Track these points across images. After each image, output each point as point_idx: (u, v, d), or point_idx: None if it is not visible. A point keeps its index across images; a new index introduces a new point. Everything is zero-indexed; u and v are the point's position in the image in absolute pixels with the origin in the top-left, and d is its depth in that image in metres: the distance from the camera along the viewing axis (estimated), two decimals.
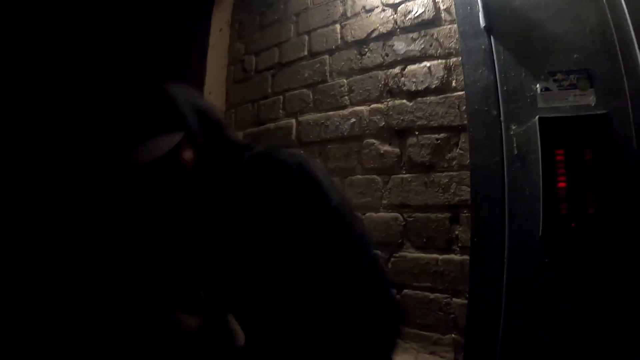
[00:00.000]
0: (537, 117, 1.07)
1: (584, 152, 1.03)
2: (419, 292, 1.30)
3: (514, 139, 1.14)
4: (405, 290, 1.34)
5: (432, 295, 1.29)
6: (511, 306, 1.13)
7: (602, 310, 0.99)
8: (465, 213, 1.24)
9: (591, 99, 1.05)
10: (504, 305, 1.15)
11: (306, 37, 1.70)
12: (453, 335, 1.26)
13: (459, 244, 1.26)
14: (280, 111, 1.73)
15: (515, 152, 1.14)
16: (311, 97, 1.65)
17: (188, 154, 0.70)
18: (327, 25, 1.63)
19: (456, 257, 1.26)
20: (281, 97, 1.75)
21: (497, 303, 1.15)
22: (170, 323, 1.82)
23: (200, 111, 0.74)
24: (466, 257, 1.22)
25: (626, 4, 1.04)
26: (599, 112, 1.02)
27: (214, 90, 1.89)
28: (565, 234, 1.05)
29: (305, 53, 1.69)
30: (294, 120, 1.70)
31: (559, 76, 1.11)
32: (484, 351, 1.16)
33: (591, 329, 1.00)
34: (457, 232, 1.26)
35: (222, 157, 0.74)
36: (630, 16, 1.03)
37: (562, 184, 1.06)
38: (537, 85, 1.12)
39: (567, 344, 1.01)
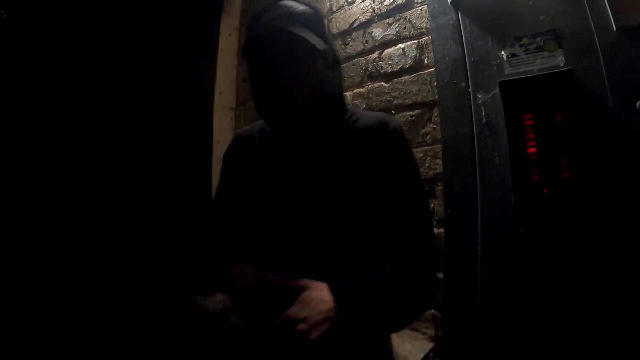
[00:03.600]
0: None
1: (553, 114, 0.95)
2: None
3: (482, 108, 1.08)
4: None
5: None
6: (487, 279, 1.05)
7: (578, 278, 0.89)
8: (439, 186, 1.18)
9: (560, 59, 0.97)
10: (480, 278, 1.07)
11: None
12: (432, 311, 1.20)
13: (436, 218, 1.20)
14: None
15: (484, 120, 1.07)
16: None
17: (317, 66, 0.74)
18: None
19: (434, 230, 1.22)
20: None
21: (473, 276, 1.08)
22: (191, 305, 1.94)
23: (337, 58, 0.82)
24: (442, 230, 1.15)
25: None
26: (563, 69, 0.96)
27: (225, 90, 1.99)
28: (537, 201, 0.97)
29: None
30: None
31: (525, 40, 1.04)
32: (462, 326, 1.10)
33: (567, 298, 0.90)
34: (433, 206, 1.20)
35: (333, 104, 0.80)
36: None
37: (532, 149, 0.98)
38: (503, 52, 1.06)
39: (543, 314, 0.93)
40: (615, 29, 0.88)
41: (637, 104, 0.85)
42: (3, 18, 2.65)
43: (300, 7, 0.74)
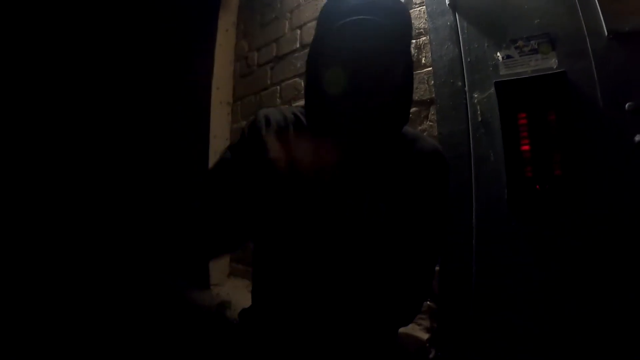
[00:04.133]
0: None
1: (547, 113, 1.00)
2: None
3: (478, 107, 1.12)
4: None
5: None
6: (481, 272, 1.10)
7: (569, 270, 0.94)
8: None
9: (553, 62, 1.01)
10: (474, 271, 1.12)
11: (298, 31, 1.74)
12: (428, 302, 1.25)
13: None
14: (278, 99, 1.79)
15: (480, 119, 1.12)
16: (303, 85, 1.68)
17: (400, 73, 0.68)
18: (316, 19, 1.69)
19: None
20: (278, 87, 1.81)
21: (468, 269, 1.12)
22: (186, 302, 1.96)
23: (410, 80, 0.75)
24: None
25: None
26: (556, 71, 1.00)
27: (222, 85, 1.99)
28: (530, 197, 1.01)
29: (298, 45, 1.74)
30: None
31: (520, 43, 1.08)
32: (457, 317, 1.14)
33: (558, 290, 0.95)
34: None
35: (403, 117, 0.74)
36: None
37: (525, 147, 1.02)
38: (499, 54, 1.10)
39: (535, 305, 0.98)
40: (606, 33, 0.93)
41: (627, 105, 0.90)
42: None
43: (399, 4, 0.68)
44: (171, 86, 2.27)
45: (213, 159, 1.94)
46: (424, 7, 1.28)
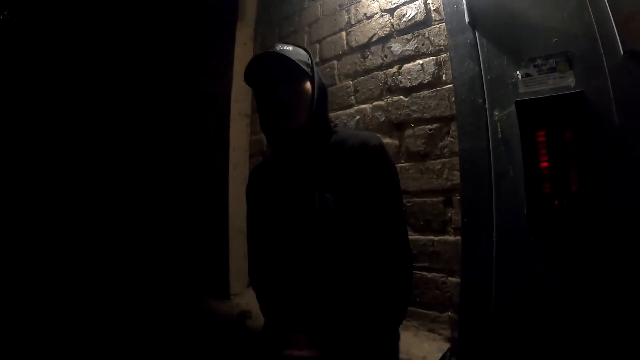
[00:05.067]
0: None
1: (564, 131, 1.04)
2: (417, 272, 1.34)
3: (498, 124, 1.17)
4: None
5: (429, 275, 1.33)
6: (501, 283, 1.14)
7: (587, 282, 0.98)
8: (457, 196, 1.27)
9: (571, 80, 1.06)
10: (495, 282, 1.16)
11: (317, 46, 1.80)
12: (449, 313, 1.28)
13: (453, 226, 1.28)
14: None
15: (500, 136, 1.17)
16: None
17: (308, 88, 0.91)
18: (334, 34, 1.73)
19: (450, 238, 1.29)
20: None
21: (488, 280, 1.17)
22: (206, 311, 2.01)
23: (324, 87, 0.97)
24: (459, 237, 1.24)
25: None
26: (573, 91, 1.05)
27: (240, 98, 2.05)
28: (548, 212, 1.06)
29: (317, 59, 1.79)
30: None
31: (538, 61, 1.13)
32: (477, 327, 1.18)
33: (577, 301, 0.99)
34: (450, 215, 1.29)
35: (322, 120, 0.95)
36: None
37: (544, 164, 1.07)
38: (518, 72, 1.15)
39: (554, 316, 1.02)
40: (622, 52, 0.97)
41: None
42: (7, 18, 2.73)
43: (288, 47, 0.93)
44: (191, 99, 2.34)
45: (232, 170, 2.00)
46: (443, 24, 1.33)
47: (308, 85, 0.91)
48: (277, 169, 1.01)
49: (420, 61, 1.40)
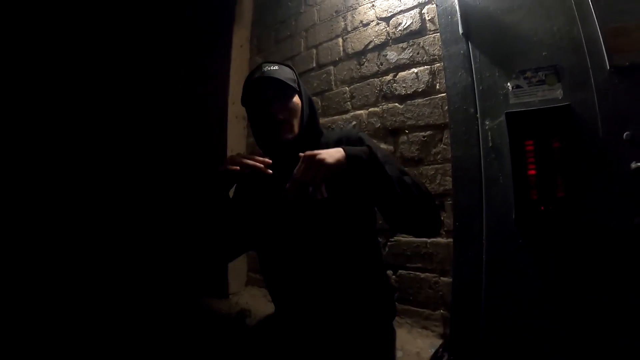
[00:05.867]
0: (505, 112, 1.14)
1: (552, 141, 1.08)
2: (411, 272, 1.39)
3: (489, 133, 1.21)
4: (400, 271, 1.44)
5: (422, 275, 1.37)
6: (490, 284, 1.19)
7: (571, 283, 1.04)
8: (449, 201, 1.31)
9: (558, 93, 1.10)
10: (484, 283, 1.21)
11: (314, 51, 1.82)
12: (442, 311, 1.33)
13: (445, 229, 1.33)
14: None
15: (490, 144, 1.21)
16: (320, 103, 1.77)
17: (298, 102, 0.99)
18: (331, 40, 1.75)
19: (443, 240, 1.34)
20: None
21: (478, 281, 1.22)
22: (206, 308, 2.03)
23: (310, 98, 1.05)
24: (451, 240, 1.29)
25: (592, 1, 1.10)
26: (561, 104, 1.09)
27: (237, 100, 1.99)
28: (536, 217, 1.10)
29: (314, 65, 1.81)
30: None
31: (528, 74, 1.16)
32: (468, 324, 1.24)
33: (562, 302, 1.04)
34: (442, 218, 1.33)
35: (312, 127, 1.03)
36: (595, 11, 1.08)
37: (532, 172, 1.12)
38: (509, 84, 1.18)
39: (540, 315, 1.06)
40: (608, 67, 1.01)
41: (624, 134, 0.98)
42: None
43: (274, 66, 1.00)
44: (188, 101, 2.34)
45: None
46: (438, 34, 1.36)
47: (297, 99, 0.99)
48: (273, 176, 1.06)
49: (415, 70, 1.43)
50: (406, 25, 1.47)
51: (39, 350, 1.77)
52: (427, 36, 1.41)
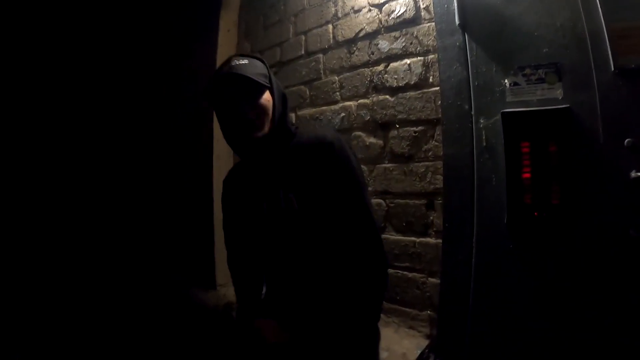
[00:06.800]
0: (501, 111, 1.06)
1: (548, 144, 1.01)
2: (399, 271, 1.34)
3: (483, 132, 1.13)
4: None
5: (410, 275, 1.33)
6: (479, 287, 1.15)
7: (561, 293, 0.99)
8: (439, 200, 1.25)
9: (558, 93, 1.02)
10: (472, 286, 1.17)
11: (303, 37, 1.70)
12: (429, 312, 1.29)
13: (434, 229, 1.27)
14: None
15: (484, 144, 1.13)
16: (308, 93, 1.67)
17: (268, 98, 0.91)
18: (321, 26, 1.63)
19: (431, 240, 1.28)
20: None
21: (467, 284, 1.17)
22: (194, 301, 1.99)
23: (282, 93, 0.97)
24: (440, 240, 1.23)
25: None
26: (561, 106, 1.01)
27: None
28: (528, 222, 1.04)
29: (302, 52, 1.70)
30: (293, 115, 1.74)
31: (527, 71, 1.08)
32: (455, 326, 1.20)
33: (550, 310, 1.01)
34: (432, 218, 1.27)
35: (284, 126, 0.96)
36: (601, 7, 0.99)
37: (526, 175, 1.05)
38: (506, 80, 1.10)
39: (527, 318, 1.03)
40: (613, 68, 0.93)
41: (626, 141, 0.92)
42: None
43: (244, 60, 0.93)
44: (175, 89, 2.20)
45: (216, 162, 1.92)
46: (433, 23, 1.25)
47: (268, 95, 0.92)
48: (247, 174, 1.04)
49: (408, 61, 1.33)
50: (399, 13, 1.36)
51: (31, 343, 1.72)
52: (422, 25, 1.30)
